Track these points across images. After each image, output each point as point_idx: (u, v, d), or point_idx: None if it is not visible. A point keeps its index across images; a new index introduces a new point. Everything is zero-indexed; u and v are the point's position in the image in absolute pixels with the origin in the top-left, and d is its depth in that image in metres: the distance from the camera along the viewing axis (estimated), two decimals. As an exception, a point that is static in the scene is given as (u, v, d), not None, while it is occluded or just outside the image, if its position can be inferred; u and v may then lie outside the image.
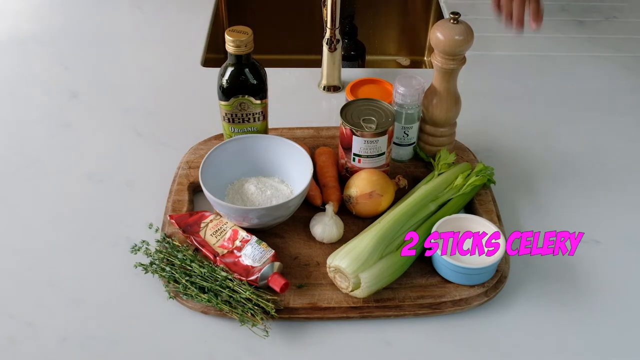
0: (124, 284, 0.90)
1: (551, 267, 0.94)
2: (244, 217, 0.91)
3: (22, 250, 0.95)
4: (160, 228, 0.97)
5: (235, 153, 0.99)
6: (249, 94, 0.97)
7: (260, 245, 0.90)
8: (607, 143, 1.17)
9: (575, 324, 0.87)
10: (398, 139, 1.06)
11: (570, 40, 1.45)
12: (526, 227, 1.00)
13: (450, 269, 0.88)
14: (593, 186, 1.08)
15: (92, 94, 1.26)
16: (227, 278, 0.86)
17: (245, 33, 0.93)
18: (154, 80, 1.30)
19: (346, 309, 0.86)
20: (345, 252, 0.85)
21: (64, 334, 0.85)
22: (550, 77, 1.34)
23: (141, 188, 1.05)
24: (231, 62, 0.96)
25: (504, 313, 0.88)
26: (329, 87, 1.28)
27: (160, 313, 0.87)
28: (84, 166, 1.09)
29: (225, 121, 1.01)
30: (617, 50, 1.42)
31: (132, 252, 0.92)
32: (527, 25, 1.15)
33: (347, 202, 0.98)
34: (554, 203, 1.04)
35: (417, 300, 0.87)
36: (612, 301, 0.90)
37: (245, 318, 0.83)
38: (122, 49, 1.40)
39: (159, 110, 1.22)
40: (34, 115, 1.21)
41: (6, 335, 0.84)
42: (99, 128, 1.18)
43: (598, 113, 1.24)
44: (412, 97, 1.00)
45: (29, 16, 1.49)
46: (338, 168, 1.05)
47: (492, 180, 1.01)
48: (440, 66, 0.97)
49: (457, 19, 0.95)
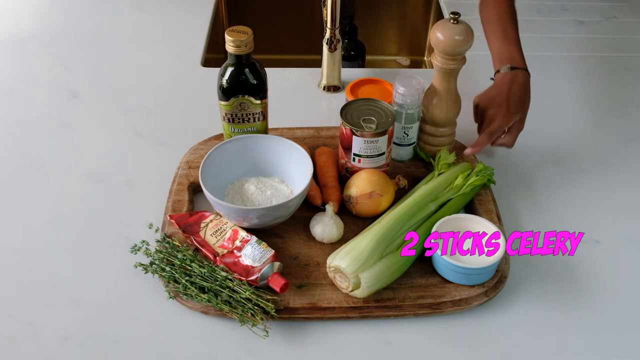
0: (124, 284, 0.90)
1: (551, 267, 0.94)
2: (244, 217, 0.91)
3: (22, 250, 0.95)
4: (160, 228, 0.97)
5: (235, 153, 0.99)
6: (249, 94, 0.97)
7: (260, 245, 0.90)
8: (607, 143, 1.17)
9: (575, 324, 0.87)
10: (398, 139, 1.06)
11: (570, 40, 1.45)
12: (526, 227, 1.00)
13: (450, 269, 0.88)
14: (593, 186, 1.08)
15: (92, 94, 1.26)
16: (227, 278, 0.86)
17: (245, 33, 0.93)
18: (154, 80, 1.30)
19: (346, 309, 0.86)
20: (345, 252, 0.85)
21: (64, 334, 0.85)
22: (550, 77, 1.34)
23: (141, 188, 1.05)
24: (231, 62, 0.96)
25: (504, 313, 0.88)
26: (329, 87, 1.28)
27: (160, 313, 0.87)
28: (84, 166, 1.09)
29: (225, 121, 1.01)
30: (617, 50, 1.42)
31: (132, 252, 0.92)
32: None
33: (347, 202, 0.98)
34: (554, 203, 1.04)
35: (417, 300, 0.87)
36: (612, 301, 0.90)
37: (245, 318, 0.83)
38: (122, 49, 1.40)
39: (159, 110, 1.22)
40: (34, 115, 1.21)
41: (6, 335, 0.84)
42: (99, 128, 1.18)
43: (598, 113, 1.24)
44: (412, 97, 1.00)
45: (29, 16, 1.49)
46: (338, 168, 1.05)
47: (492, 180, 1.01)
48: (440, 66, 0.97)
49: (457, 19, 0.95)
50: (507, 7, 1.14)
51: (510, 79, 1.05)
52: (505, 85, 1.05)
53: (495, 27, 1.12)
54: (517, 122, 1.05)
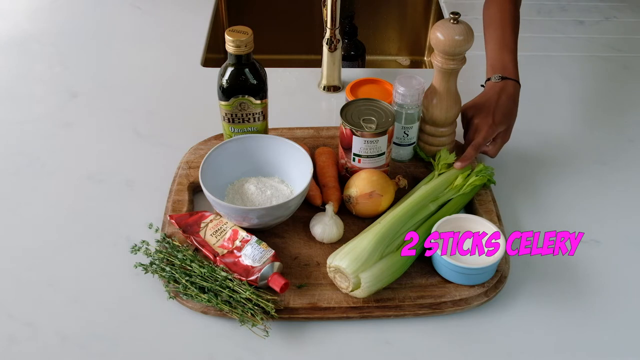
0: (124, 284, 0.90)
1: (551, 267, 0.94)
2: (244, 217, 0.91)
3: (22, 250, 0.95)
4: (160, 228, 0.97)
5: (235, 153, 0.99)
6: (249, 94, 0.97)
7: (260, 245, 0.90)
8: (607, 143, 1.17)
9: (575, 324, 0.87)
10: (398, 139, 1.06)
11: (570, 40, 1.45)
12: (526, 227, 1.00)
13: (450, 269, 0.88)
14: (593, 186, 1.08)
15: (92, 94, 1.26)
16: (227, 278, 0.86)
17: (245, 33, 0.93)
18: (154, 80, 1.30)
19: (346, 309, 0.86)
20: (345, 252, 0.85)
21: (64, 334, 0.85)
22: (550, 77, 1.34)
23: (141, 188, 1.05)
24: (231, 62, 0.96)
25: (504, 313, 0.88)
26: (329, 87, 1.28)
27: (160, 313, 0.87)
28: (84, 166, 1.09)
29: (225, 121, 1.01)
30: (617, 50, 1.42)
31: (132, 252, 0.92)
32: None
33: (347, 202, 0.98)
34: (554, 203, 1.04)
35: (417, 300, 0.87)
36: (612, 301, 0.90)
37: (245, 318, 0.83)
38: (122, 49, 1.40)
39: (159, 110, 1.22)
40: (34, 115, 1.21)
41: (6, 335, 0.84)
42: (99, 128, 1.18)
43: (598, 113, 1.24)
44: (412, 97, 1.00)
45: (29, 16, 1.49)
46: (338, 168, 1.05)
47: (492, 180, 1.01)
48: (440, 66, 0.97)
49: (457, 19, 0.95)
50: (510, 13, 1.13)
51: (499, 89, 1.05)
52: (494, 95, 1.05)
53: (495, 31, 1.12)
54: (502, 133, 1.05)
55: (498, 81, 1.06)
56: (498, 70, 1.07)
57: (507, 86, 1.06)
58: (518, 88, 1.07)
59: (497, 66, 1.08)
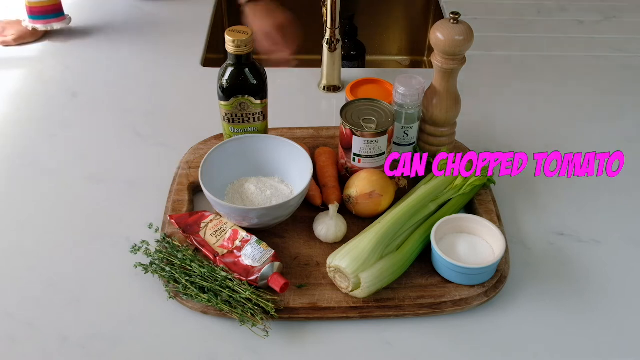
0: (124, 284, 0.90)
1: (551, 267, 0.94)
2: (244, 217, 0.91)
3: (22, 250, 0.95)
4: (160, 228, 0.97)
5: (235, 153, 0.99)
6: (249, 94, 0.97)
7: (260, 245, 0.90)
8: (607, 143, 1.16)
9: (575, 324, 0.87)
10: (398, 139, 1.06)
11: (570, 40, 1.45)
12: (526, 227, 1.00)
13: (450, 269, 0.88)
14: (593, 186, 1.08)
15: (92, 94, 1.26)
16: (227, 278, 0.86)
17: (245, 33, 0.93)
18: (154, 80, 1.30)
19: (346, 309, 0.86)
20: (345, 252, 0.86)
21: (64, 334, 0.84)
22: (550, 77, 1.34)
23: (141, 188, 1.05)
24: (231, 62, 0.96)
25: (504, 313, 0.88)
26: (329, 87, 1.28)
27: (160, 313, 0.87)
28: (84, 166, 1.09)
29: (225, 121, 1.01)
30: (617, 50, 1.42)
31: (132, 252, 0.92)
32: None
33: (347, 202, 0.98)
34: (554, 203, 1.04)
35: (417, 300, 0.87)
36: (612, 301, 0.90)
37: (245, 318, 0.83)
38: (122, 48, 1.40)
39: (159, 110, 1.22)
40: (34, 115, 1.21)
41: (6, 335, 0.84)
42: (99, 128, 1.18)
43: (598, 113, 1.24)
44: (412, 97, 1.00)
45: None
46: (338, 168, 1.05)
47: (492, 180, 1.01)
48: (440, 66, 0.97)
49: (457, 19, 0.95)
50: None
51: None
52: None
53: None
54: None
55: None
56: None
57: None
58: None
59: None
